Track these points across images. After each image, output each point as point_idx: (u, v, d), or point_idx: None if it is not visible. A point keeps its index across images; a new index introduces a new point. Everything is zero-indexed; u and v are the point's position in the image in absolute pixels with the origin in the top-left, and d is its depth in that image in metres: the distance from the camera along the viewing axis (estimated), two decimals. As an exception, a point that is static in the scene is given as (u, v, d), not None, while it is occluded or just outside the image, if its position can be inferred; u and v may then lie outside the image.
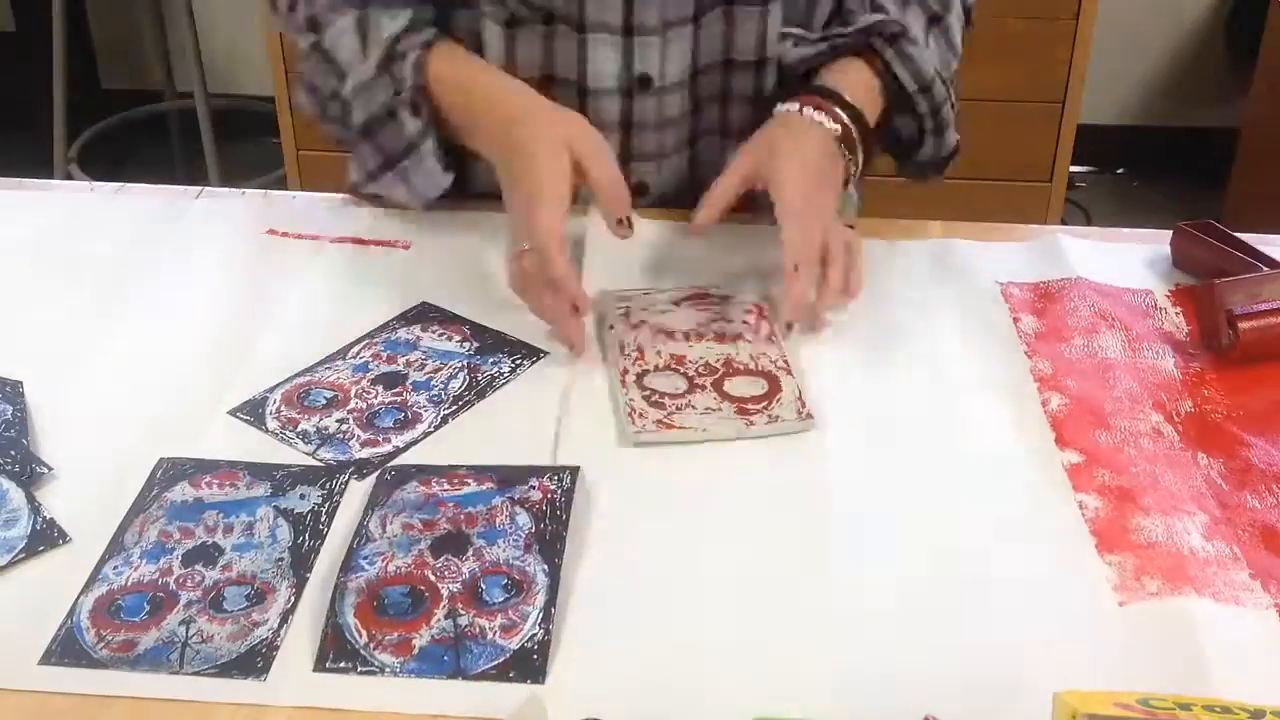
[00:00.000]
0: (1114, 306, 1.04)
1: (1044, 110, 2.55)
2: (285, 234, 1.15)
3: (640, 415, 0.91)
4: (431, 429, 0.92)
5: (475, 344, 1.01)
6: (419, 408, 0.94)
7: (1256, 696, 0.66)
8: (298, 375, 0.97)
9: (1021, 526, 0.84)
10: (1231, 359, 0.98)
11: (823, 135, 1.07)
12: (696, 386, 0.95)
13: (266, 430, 0.92)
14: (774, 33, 1.14)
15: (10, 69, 3.10)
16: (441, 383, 0.97)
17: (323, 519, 0.83)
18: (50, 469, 0.87)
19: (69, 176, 2.90)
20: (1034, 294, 1.07)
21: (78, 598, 0.77)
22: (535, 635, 0.74)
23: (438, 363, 0.99)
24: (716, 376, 0.96)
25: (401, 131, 1.09)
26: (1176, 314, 1.06)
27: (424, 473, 0.86)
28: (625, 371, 0.96)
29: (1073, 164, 2.63)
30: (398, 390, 0.96)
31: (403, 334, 1.02)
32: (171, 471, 0.87)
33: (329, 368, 0.98)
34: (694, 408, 0.92)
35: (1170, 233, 1.13)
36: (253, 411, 0.93)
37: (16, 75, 3.07)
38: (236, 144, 3.03)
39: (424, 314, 1.05)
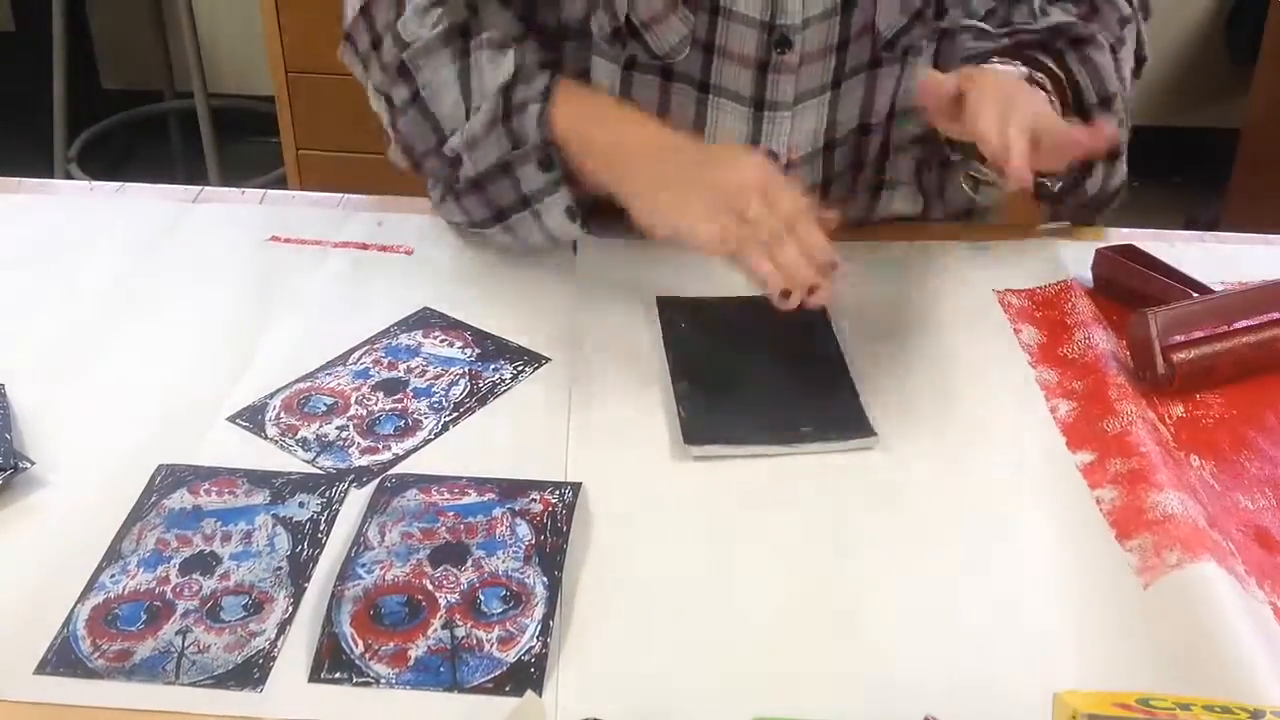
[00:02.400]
0: (1107, 313, 1.04)
1: (1045, 110, 2.54)
2: (288, 239, 1.15)
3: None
4: (432, 436, 0.92)
5: (477, 350, 1.01)
6: (420, 414, 0.94)
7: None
8: (298, 381, 0.97)
9: (1038, 532, 0.84)
10: (1168, 392, 0.96)
11: (1013, 71, 1.00)
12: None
13: (266, 437, 0.91)
14: (909, 85, 1.09)
15: (10, 69, 3.10)
16: (442, 389, 0.96)
17: (321, 527, 0.83)
18: (33, 463, 0.86)
19: (69, 176, 2.90)
20: (1031, 301, 1.07)
21: (74, 606, 0.77)
22: (533, 648, 0.73)
23: (439, 369, 0.98)
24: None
25: (518, 186, 1.04)
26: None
27: (424, 481, 0.86)
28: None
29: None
30: (398, 397, 0.96)
31: (404, 340, 1.02)
32: (170, 479, 0.86)
33: (329, 374, 0.98)
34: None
35: (1170, 231, 1.13)
36: (252, 418, 0.93)
37: (16, 75, 3.07)
38: (236, 144, 3.03)
39: (425, 319, 1.05)
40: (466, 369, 0.98)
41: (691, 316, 1.03)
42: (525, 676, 0.72)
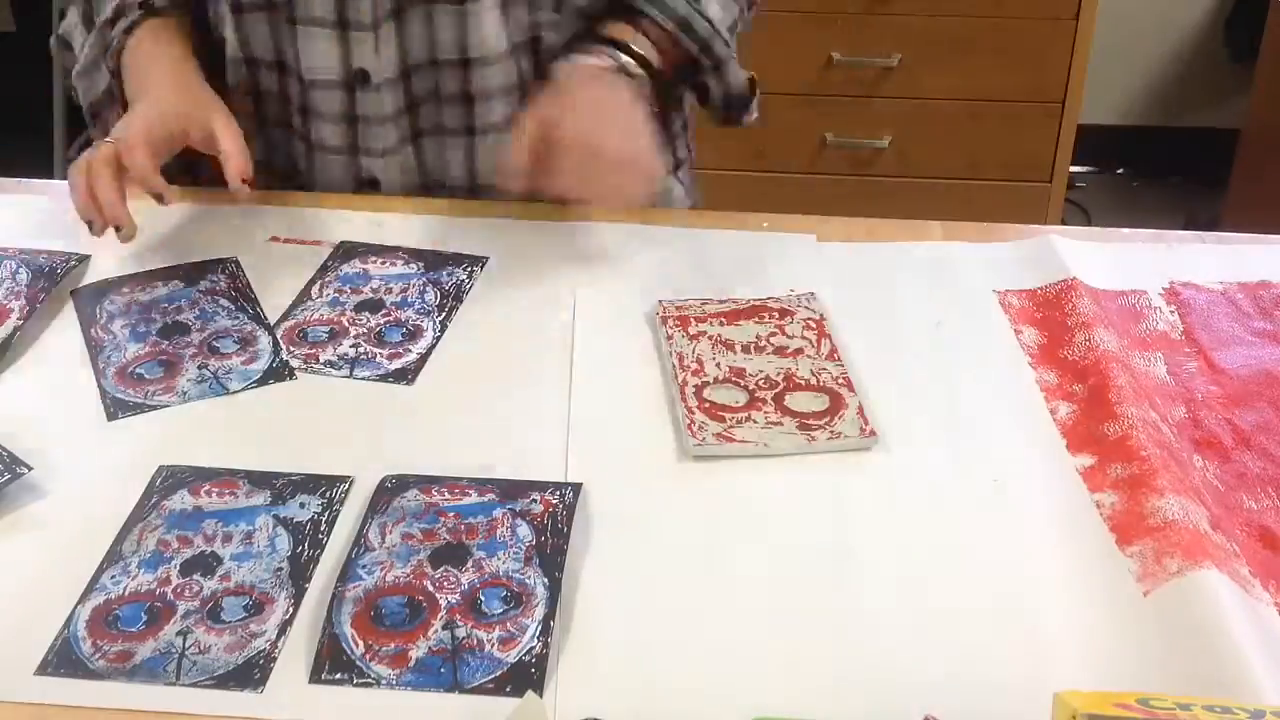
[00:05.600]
0: (1107, 314, 1.04)
1: (1044, 110, 2.55)
2: (287, 240, 1.14)
3: (700, 428, 0.91)
4: (438, 335, 1.00)
5: (420, 263, 1.09)
6: (415, 321, 1.01)
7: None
8: (282, 320, 1.03)
9: (1037, 534, 0.84)
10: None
11: (592, 67, 1.12)
12: (758, 400, 0.94)
13: (293, 378, 0.97)
14: (477, 35, 1.14)
15: (10, 69, 3.09)
16: (418, 297, 1.04)
17: (322, 528, 0.83)
18: (31, 468, 0.86)
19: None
20: (1032, 302, 1.07)
21: (75, 607, 0.77)
22: (533, 648, 0.74)
23: (402, 284, 1.06)
24: (777, 391, 0.95)
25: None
26: (1171, 313, 1.06)
27: (425, 481, 0.86)
28: (685, 384, 0.95)
29: (1073, 164, 2.62)
30: (385, 311, 1.03)
31: (347, 269, 1.08)
32: (170, 479, 0.86)
33: (304, 309, 1.04)
34: (754, 422, 0.92)
35: (1170, 231, 1.13)
36: (273, 371, 0.97)
37: (16, 75, 3.06)
38: (236, 144, 3.02)
39: (352, 250, 1.11)
40: (424, 279, 1.06)
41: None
42: (526, 677, 0.72)
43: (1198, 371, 0.99)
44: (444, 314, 1.03)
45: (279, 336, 1.00)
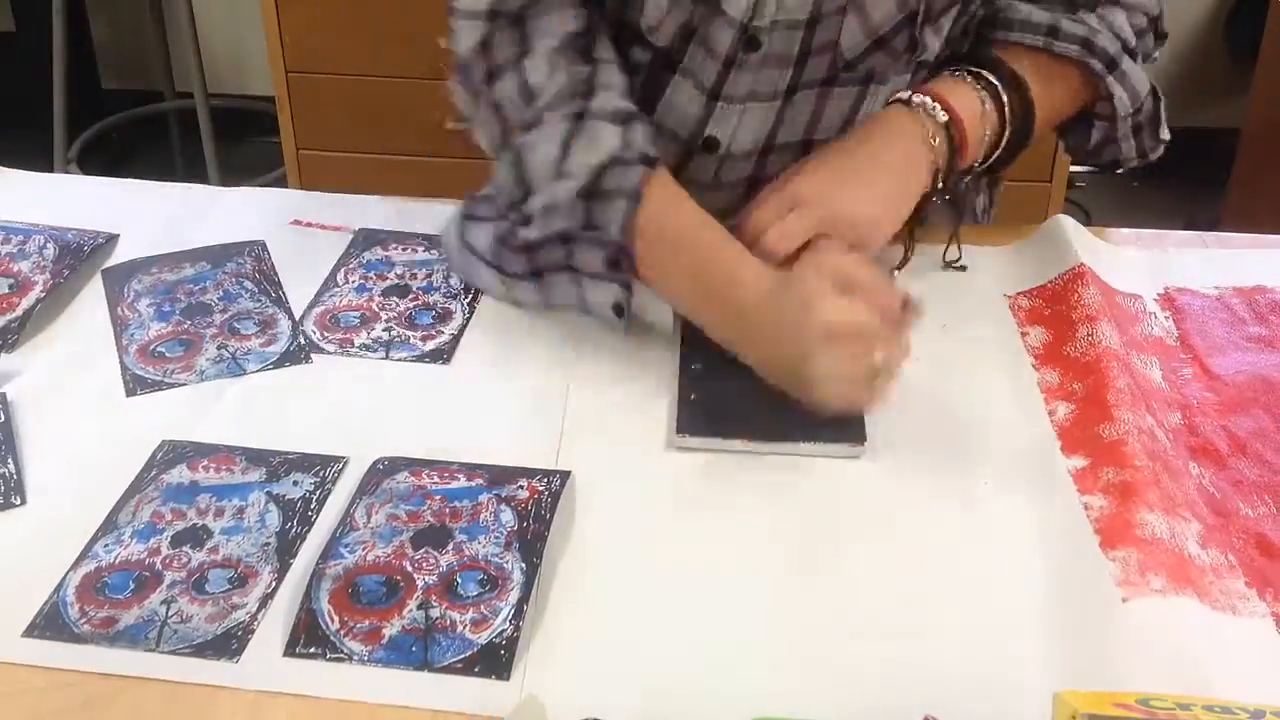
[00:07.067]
0: (1110, 307, 1.03)
1: (1044, 110, 2.54)
2: (310, 224, 1.15)
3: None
4: (468, 317, 1.02)
5: (438, 250, 1.10)
6: (443, 304, 1.02)
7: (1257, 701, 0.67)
8: (312, 305, 1.03)
9: (1024, 530, 0.83)
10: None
11: (898, 116, 1.02)
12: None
13: (324, 353, 0.98)
14: (864, 111, 1.08)
15: (10, 69, 3.11)
16: (443, 281, 1.05)
17: (313, 506, 0.83)
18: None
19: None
20: (1041, 299, 1.06)
21: (66, 573, 0.78)
22: (505, 631, 0.74)
23: (426, 270, 1.07)
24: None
25: (570, 256, 0.98)
26: (1166, 318, 1.05)
27: (417, 465, 0.86)
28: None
29: (1073, 164, 2.62)
30: (412, 295, 1.04)
31: (369, 256, 1.09)
32: (171, 454, 0.87)
33: (331, 296, 1.04)
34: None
35: (1170, 232, 1.11)
36: (303, 350, 0.98)
37: (16, 75, 3.07)
38: (236, 144, 3.04)
39: (372, 238, 1.12)
40: (444, 265, 1.07)
41: None
42: (495, 658, 0.72)
43: (1193, 378, 0.98)
44: (470, 296, 1.04)
45: (312, 322, 1.01)
